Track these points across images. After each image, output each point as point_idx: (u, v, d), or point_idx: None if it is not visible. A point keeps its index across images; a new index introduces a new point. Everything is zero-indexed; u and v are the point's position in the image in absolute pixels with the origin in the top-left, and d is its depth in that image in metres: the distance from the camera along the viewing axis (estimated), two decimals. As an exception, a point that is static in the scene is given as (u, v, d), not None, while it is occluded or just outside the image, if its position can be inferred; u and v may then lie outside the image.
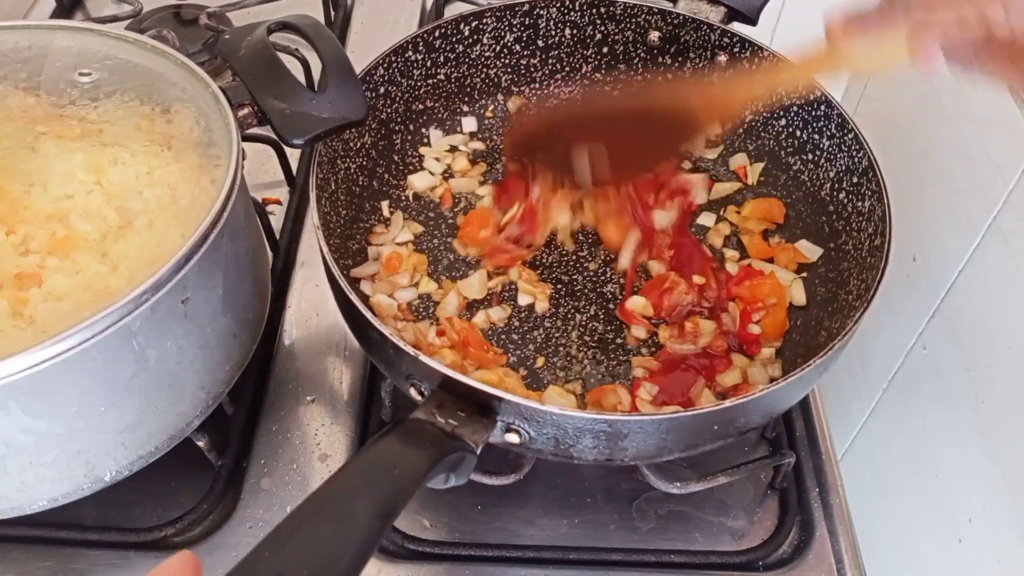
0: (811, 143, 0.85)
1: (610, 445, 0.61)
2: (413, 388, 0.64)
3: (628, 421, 0.59)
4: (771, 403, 0.64)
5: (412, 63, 0.87)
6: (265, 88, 0.71)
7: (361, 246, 0.85)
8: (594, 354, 0.79)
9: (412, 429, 0.55)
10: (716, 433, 0.64)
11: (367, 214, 0.87)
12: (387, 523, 0.46)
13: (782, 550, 0.74)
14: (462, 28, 0.89)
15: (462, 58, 0.91)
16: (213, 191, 0.64)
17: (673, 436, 0.61)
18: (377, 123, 0.87)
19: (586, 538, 0.74)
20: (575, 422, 0.59)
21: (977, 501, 1.04)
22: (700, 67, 0.91)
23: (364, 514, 0.45)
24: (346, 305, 0.67)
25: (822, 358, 0.62)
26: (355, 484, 0.47)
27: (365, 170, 0.87)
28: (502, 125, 0.96)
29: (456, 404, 0.58)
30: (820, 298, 0.81)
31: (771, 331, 0.80)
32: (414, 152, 0.92)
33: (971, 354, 1.07)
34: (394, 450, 0.52)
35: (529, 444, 0.61)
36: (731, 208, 0.90)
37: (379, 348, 0.65)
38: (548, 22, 0.92)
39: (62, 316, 0.56)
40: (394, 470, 0.49)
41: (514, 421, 0.60)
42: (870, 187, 0.76)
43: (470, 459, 0.56)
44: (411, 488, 0.49)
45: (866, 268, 0.72)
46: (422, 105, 0.92)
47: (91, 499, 0.65)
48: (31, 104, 0.68)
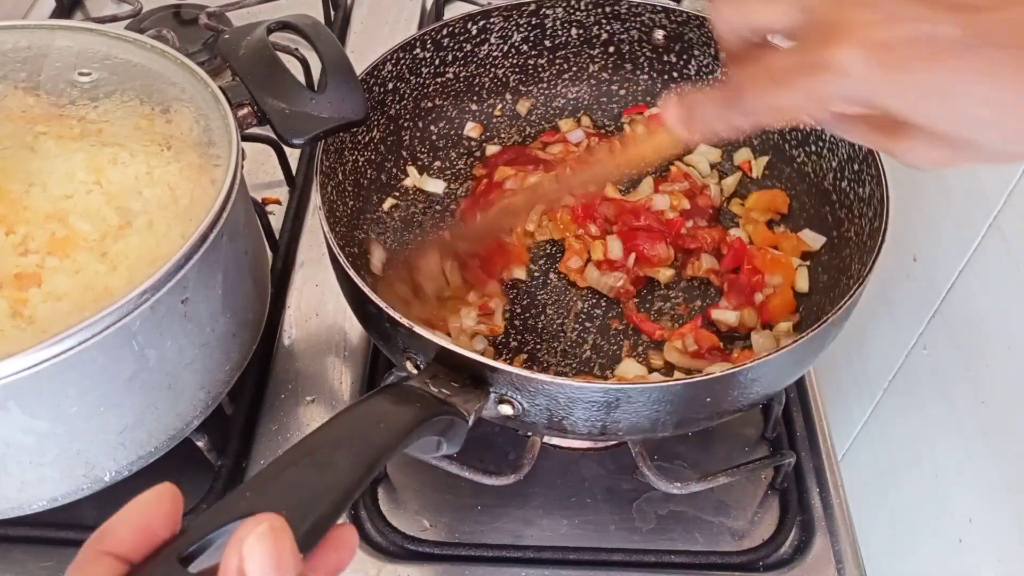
0: (814, 133, 0.85)
1: (603, 416, 0.61)
2: (409, 361, 0.64)
3: (619, 389, 0.60)
4: (765, 376, 0.64)
5: (420, 60, 0.88)
6: (265, 88, 0.71)
7: (366, 235, 0.85)
8: (594, 339, 0.80)
9: (403, 392, 0.56)
10: (710, 407, 0.64)
11: (374, 206, 0.87)
12: (369, 473, 0.47)
13: (782, 550, 0.74)
14: (469, 27, 0.89)
15: (470, 57, 0.91)
16: (213, 191, 0.64)
17: (665, 408, 0.61)
18: (386, 119, 0.87)
19: (586, 538, 0.74)
20: (567, 391, 0.59)
21: (977, 501, 1.04)
22: (705, 64, 0.91)
23: (346, 462, 0.45)
24: (344, 279, 0.68)
25: (816, 331, 0.62)
26: (340, 435, 0.48)
27: (373, 164, 0.87)
28: (510, 125, 0.96)
29: (450, 375, 0.59)
30: (823, 285, 0.81)
31: (780, 310, 0.80)
32: (422, 149, 0.92)
33: (971, 354, 1.07)
34: (382, 407, 0.53)
35: (523, 416, 0.62)
36: (735, 200, 0.90)
37: (376, 322, 0.66)
38: (554, 22, 0.92)
39: (62, 316, 0.56)
40: (379, 424, 0.50)
41: (507, 392, 0.60)
42: (869, 172, 0.76)
43: (461, 425, 0.57)
44: (395, 443, 0.50)
45: (866, 252, 0.73)
46: (430, 103, 0.92)
47: (91, 499, 0.65)
48: (31, 104, 0.68)
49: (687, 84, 0.94)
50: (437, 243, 0.79)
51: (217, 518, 0.40)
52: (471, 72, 0.93)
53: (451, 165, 0.93)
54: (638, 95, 0.96)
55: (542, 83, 0.96)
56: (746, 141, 0.93)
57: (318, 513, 0.41)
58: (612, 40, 0.94)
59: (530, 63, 0.95)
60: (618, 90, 0.97)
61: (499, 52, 0.93)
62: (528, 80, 0.96)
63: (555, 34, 0.93)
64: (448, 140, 0.94)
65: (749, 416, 0.81)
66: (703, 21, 0.88)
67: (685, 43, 0.91)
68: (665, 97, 0.55)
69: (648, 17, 0.91)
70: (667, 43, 0.92)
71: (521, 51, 0.93)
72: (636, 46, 0.93)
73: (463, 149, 0.94)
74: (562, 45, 0.94)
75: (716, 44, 0.88)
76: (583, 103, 0.97)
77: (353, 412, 0.51)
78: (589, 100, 0.97)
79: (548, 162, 0.91)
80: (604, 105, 0.97)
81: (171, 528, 0.38)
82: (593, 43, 0.94)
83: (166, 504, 0.39)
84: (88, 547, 0.37)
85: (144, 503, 0.38)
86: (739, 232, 0.87)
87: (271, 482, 0.43)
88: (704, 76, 0.93)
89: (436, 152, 0.93)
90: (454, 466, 0.71)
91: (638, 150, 0.60)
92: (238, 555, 0.34)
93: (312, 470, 0.44)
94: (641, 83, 0.96)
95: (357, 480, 0.45)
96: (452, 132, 0.94)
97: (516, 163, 0.90)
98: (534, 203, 0.82)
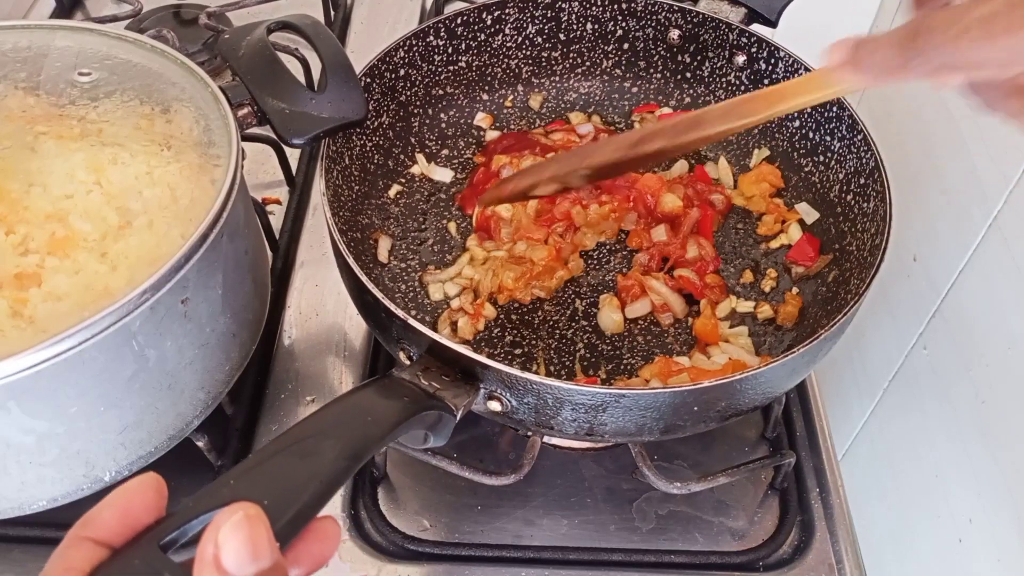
0: (823, 144, 0.85)
1: (589, 419, 0.62)
2: (403, 352, 0.65)
3: (606, 394, 0.60)
4: (753, 388, 0.64)
5: (433, 48, 0.88)
6: (265, 88, 0.71)
7: (370, 221, 0.85)
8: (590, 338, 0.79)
9: (392, 384, 0.56)
10: (696, 415, 0.64)
11: (379, 192, 0.87)
12: (354, 464, 0.47)
13: (782, 550, 0.74)
14: (484, 17, 0.89)
15: (484, 47, 0.92)
16: (213, 191, 0.64)
17: (652, 414, 0.62)
18: (396, 104, 0.88)
19: (586, 538, 0.74)
20: (555, 392, 0.59)
21: (977, 501, 1.04)
22: (718, 67, 0.92)
23: (331, 453, 0.46)
24: (344, 267, 0.69)
25: (807, 346, 0.62)
26: (326, 426, 0.48)
27: (381, 149, 0.87)
28: (521, 117, 0.96)
29: (441, 369, 0.60)
30: (821, 297, 0.81)
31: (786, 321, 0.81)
32: (431, 136, 0.93)
33: (971, 354, 1.07)
34: (371, 400, 0.53)
35: (511, 413, 0.62)
36: (737, 196, 0.91)
37: (373, 311, 0.66)
38: (570, 15, 0.92)
39: (62, 316, 0.56)
40: (367, 416, 0.50)
41: (496, 389, 0.61)
42: (875, 188, 0.76)
43: (449, 420, 0.57)
44: (381, 435, 0.50)
45: (866, 267, 0.73)
46: (442, 91, 0.92)
47: (91, 499, 0.65)
48: (31, 104, 0.68)
49: (700, 86, 0.94)
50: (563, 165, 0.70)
51: (199, 506, 0.40)
52: (484, 62, 0.93)
53: (459, 154, 0.93)
54: (650, 94, 0.96)
55: (554, 76, 0.97)
56: (755, 146, 0.93)
57: (301, 503, 0.41)
58: (627, 37, 0.94)
59: (543, 56, 0.95)
60: (630, 87, 0.97)
61: (513, 43, 0.93)
62: (540, 72, 0.96)
63: (570, 28, 0.93)
64: (457, 129, 0.94)
65: (749, 416, 0.82)
66: (719, 23, 0.88)
67: (700, 44, 0.91)
68: (835, 42, 0.49)
69: (664, 16, 0.91)
70: (682, 43, 0.92)
71: (535, 43, 0.94)
72: (650, 44, 0.94)
73: (471, 139, 0.95)
74: (576, 39, 0.94)
75: (730, 47, 0.88)
76: (594, 98, 0.97)
77: (341, 403, 0.51)
78: (600, 96, 0.97)
79: (547, 147, 0.90)
80: (616, 102, 0.97)
81: (155, 515, 0.39)
82: (608, 39, 0.94)
83: (150, 492, 0.39)
84: (71, 532, 0.37)
85: (129, 490, 0.39)
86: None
87: (255, 471, 0.43)
88: (717, 79, 0.93)
89: (445, 140, 0.93)
90: (454, 466, 0.71)
91: (780, 92, 0.54)
92: (213, 543, 0.34)
93: (297, 460, 0.44)
94: (654, 82, 0.96)
95: (342, 471, 0.45)
96: (462, 121, 0.95)
97: (514, 149, 0.90)
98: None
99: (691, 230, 0.85)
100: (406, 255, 0.85)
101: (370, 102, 0.83)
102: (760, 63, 0.88)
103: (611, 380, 0.76)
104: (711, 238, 0.86)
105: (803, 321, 0.80)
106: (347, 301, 0.82)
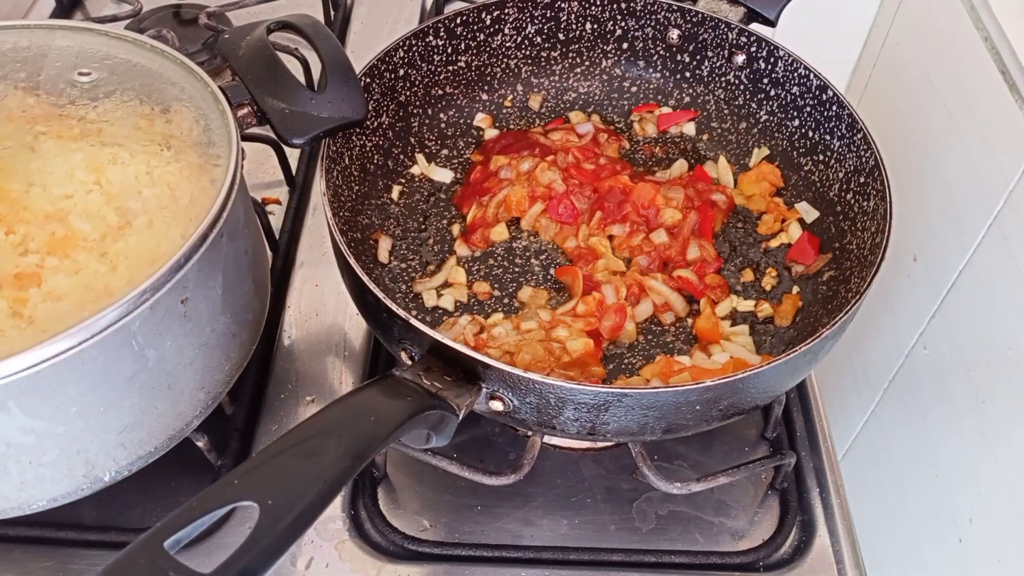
0: (823, 143, 0.85)
1: (592, 418, 0.62)
2: (404, 353, 0.65)
3: (608, 393, 0.60)
4: (755, 386, 0.64)
5: (433, 48, 0.88)
6: (265, 88, 0.71)
7: (371, 221, 0.85)
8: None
9: (395, 384, 0.56)
10: (698, 414, 0.64)
11: (379, 192, 0.88)
12: (358, 464, 0.47)
13: (783, 550, 0.74)
14: (484, 17, 0.90)
15: (483, 47, 0.92)
16: (213, 191, 0.64)
17: (654, 413, 0.62)
18: (396, 104, 0.88)
19: (586, 538, 0.74)
20: (557, 391, 0.59)
21: (977, 501, 1.04)
22: (717, 66, 0.92)
23: (335, 452, 0.46)
24: (345, 267, 0.69)
25: (809, 345, 0.62)
26: (330, 425, 0.48)
27: (381, 150, 0.87)
28: (520, 116, 0.96)
29: (443, 369, 0.60)
30: (821, 296, 0.81)
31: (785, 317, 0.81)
32: (431, 136, 0.93)
33: (971, 354, 1.07)
34: (373, 400, 0.53)
35: (512, 413, 0.62)
36: (737, 195, 0.91)
37: (375, 312, 0.66)
38: (569, 15, 0.92)
39: (62, 316, 0.56)
40: (370, 416, 0.50)
41: (498, 388, 0.60)
42: (875, 186, 0.76)
43: (451, 420, 0.57)
44: (384, 434, 0.50)
45: (866, 266, 0.73)
46: (441, 91, 0.92)
47: (91, 499, 0.65)
48: (31, 104, 0.68)
49: (699, 85, 0.94)
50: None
51: (203, 505, 0.40)
52: (483, 62, 0.93)
53: (459, 154, 0.93)
54: (649, 93, 0.97)
55: (554, 76, 0.97)
56: (755, 145, 0.93)
57: (305, 502, 0.41)
58: (626, 37, 0.94)
59: (543, 55, 0.95)
60: (630, 87, 0.97)
61: (512, 43, 0.93)
62: (540, 72, 0.96)
63: (569, 28, 0.93)
64: (457, 129, 0.94)
65: (749, 416, 0.82)
66: (718, 23, 0.88)
67: (699, 44, 0.91)
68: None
69: (663, 16, 0.91)
70: (681, 43, 0.92)
71: (535, 43, 0.94)
72: (650, 44, 0.94)
73: (471, 139, 0.95)
74: (576, 39, 0.94)
75: (730, 47, 0.89)
76: (594, 98, 0.97)
77: (344, 403, 0.51)
78: (600, 95, 0.97)
79: (546, 147, 0.90)
80: (615, 101, 0.97)
81: None
82: (607, 39, 0.94)
83: None
84: None
85: None
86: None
87: (259, 470, 0.44)
88: (717, 78, 0.93)
89: (444, 140, 0.94)
90: (454, 466, 0.71)
91: None
92: None
93: (300, 459, 0.44)
94: (653, 81, 0.96)
95: (345, 471, 0.45)
96: (462, 121, 0.95)
97: (513, 148, 0.90)
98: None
99: (691, 232, 0.85)
100: (406, 255, 0.85)
101: (370, 102, 0.83)
102: (759, 62, 0.88)
103: (612, 379, 0.76)
104: (711, 239, 0.86)
105: (803, 320, 0.80)
106: (347, 301, 0.82)
